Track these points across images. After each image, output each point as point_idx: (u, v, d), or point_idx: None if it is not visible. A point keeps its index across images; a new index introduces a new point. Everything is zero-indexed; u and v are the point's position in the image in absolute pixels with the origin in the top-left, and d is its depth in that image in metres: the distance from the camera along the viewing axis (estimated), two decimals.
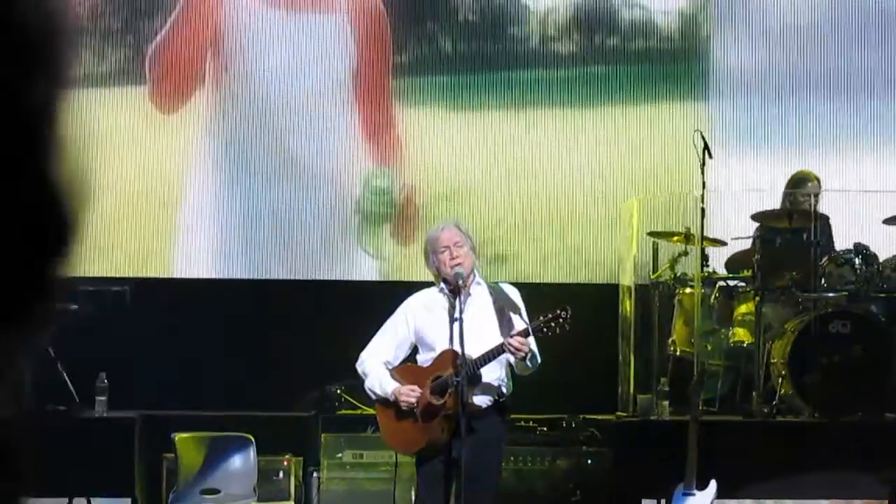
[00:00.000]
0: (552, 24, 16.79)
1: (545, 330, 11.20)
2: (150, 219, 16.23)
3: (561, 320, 11.18)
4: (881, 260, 14.91)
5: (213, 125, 16.32)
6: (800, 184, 15.39)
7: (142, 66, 16.36)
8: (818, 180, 15.44)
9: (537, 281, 15.31)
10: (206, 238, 16.35)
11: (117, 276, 15.57)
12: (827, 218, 15.40)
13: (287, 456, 13.85)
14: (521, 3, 16.77)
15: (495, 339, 11.12)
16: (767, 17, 16.93)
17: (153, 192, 16.19)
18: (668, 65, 16.89)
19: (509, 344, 11.01)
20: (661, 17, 16.86)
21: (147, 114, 16.22)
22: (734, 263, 15.30)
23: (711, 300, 15.05)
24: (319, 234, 16.42)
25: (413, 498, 11.99)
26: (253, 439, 13.60)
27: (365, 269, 16.37)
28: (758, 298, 14.81)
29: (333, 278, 16.36)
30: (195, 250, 16.34)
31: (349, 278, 16.28)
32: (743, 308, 15.03)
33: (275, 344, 15.05)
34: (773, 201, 15.43)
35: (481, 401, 11.23)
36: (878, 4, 17.10)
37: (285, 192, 16.37)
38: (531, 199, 16.56)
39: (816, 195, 15.28)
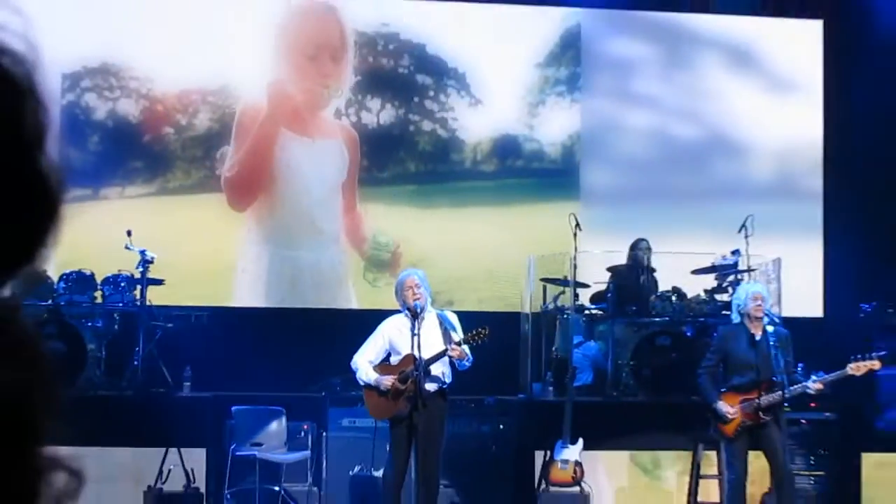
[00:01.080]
0: (479, 152, 17.18)
1: (472, 341, 11.65)
2: (221, 269, 16.43)
3: (483, 335, 11.68)
4: (689, 297, 15.12)
5: (266, 214, 16.58)
6: (636, 245, 15.54)
7: (214, 181, 16.58)
8: (649, 245, 15.60)
9: (469, 310, 14.81)
10: (255, 282, 16.53)
11: (197, 304, 15.47)
12: (654, 270, 15.53)
13: (306, 422, 13.75)
14: (459, 138, 17.12)
15: (440, 347, 11.59)
16: (617, 148, 17.27)
17: (222, 255, 16.53)
18: (554, 178, 17.22)
19: (450, 350, 11.54)
20: (549, 148, 17.23)
21: (218, 210, 16.51)
22: (595, 298, 15.40)
23: (580, 322, 15.30)
24: (331, 277, 16.65)
25: (387, 449, 12.10)
26: (284, 410, 13.69)
27: (360, 300, 16.43)
28: (610, 321, 15.03)
29: (339, 307, 16.38)
30: (249, 289, 16.52)
31: (350, 307, 16.32)
32: (601, 327, 15.28)
33: (299, 349, 14.82)
34: (621, 260, 15.59)
35: (431, 387, 11.63)
36: (687, 140, 17.45)
37: (309, 251, 16.62)
38: (467, 261, 16.85)
39: (649, 251, 15.56)
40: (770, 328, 11.90)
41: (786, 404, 11.91)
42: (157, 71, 16.47)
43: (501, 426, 14.23)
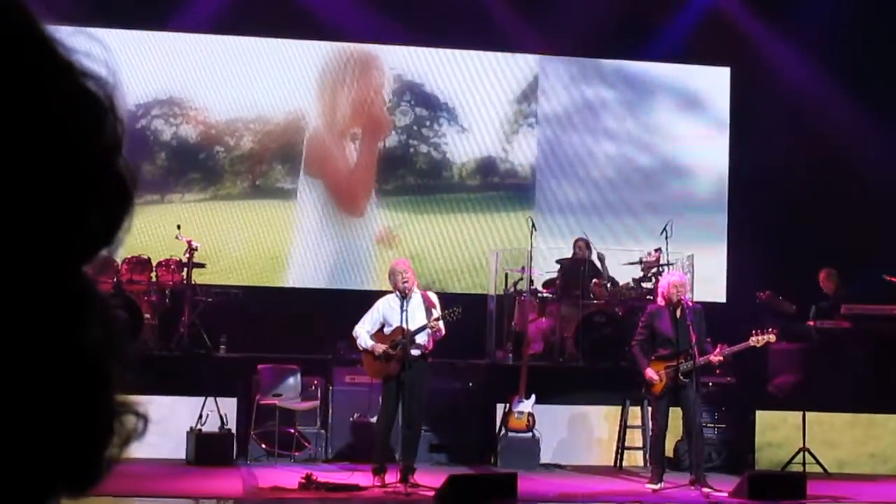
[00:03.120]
0: (465, 171, 17.34)
1: (448, 318, 11.70)
2: (258, 258, 16.64)
3: (457, 312, 11.77)
4: (621, 284, 15.22)
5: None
6: (577, 244, 15.58)
7: (254, 190, 16.90)
8: (587, 242, 15.67)
9: (450, 292, 15.19)
10: (282, 266, 16.75)
11: (235, 284, 15.61)
12: (592, 262, 15.48)
13: (316, 378, 13.70)
14: (448, 159, 17.29)
15: (423, 320, 11.63)
16: (573, 168, 17.30)
17: (261, 246, 16.69)
18: (523, 192, 17.28)
19: (431, 323, 11.58)
20: (519, 168, 17.32)
21: (257, 213, 16.82)
22: (547, 284, 15.48)
23: (534, 302, 15.26)
24: (348, 261, 16.83)
25: (380, 402, 12.11)
26: (299, 369, 13.68)
27: (366, 283, 16.42)
28: (559, 303, 15.10)
29: (346, 288, 16.46)
30: (277, 272, 16.72)
31: (361, 288, 16.27)
32: (551, 307, 15.32)
33: (312, 320, 14.66)
34: (567, 253, 15.64)
35: (415, 353, 11.66)
36: (625, 163, 17.45)
37: (337, 241, 16.83)
38: (451, 255, 16.95)
39: (588, 248, 15.57)
40: (687, 309, 11.94)
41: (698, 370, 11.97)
42: (211, 102, 16.84)
43: (471, 384, 14.18)
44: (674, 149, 17.51)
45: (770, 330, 12.15)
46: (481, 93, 17.24)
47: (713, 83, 17.67)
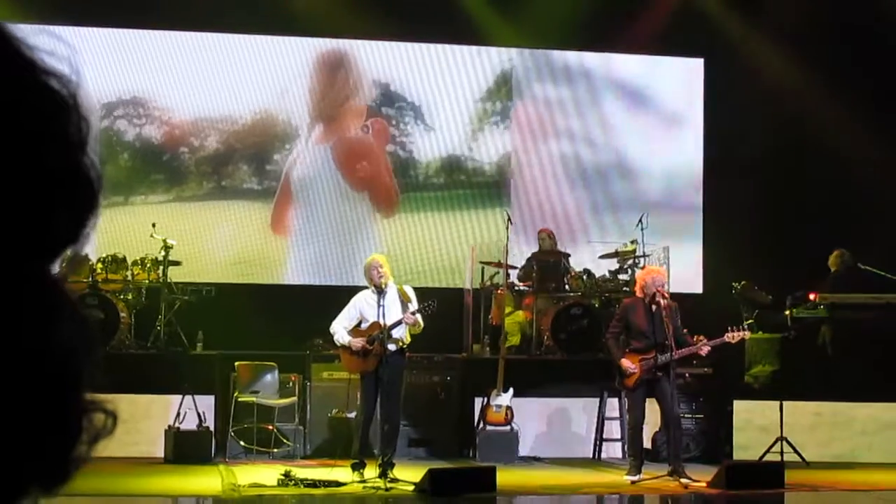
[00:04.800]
0: (432, 169, 17.13)
1: (424, 311, 11.68)
2: (222, 258, 16.39)
3: (433, 306, 11.75)
4: (597, 277, 15.22)
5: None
6: (539, 234, 15.58)
7: (219, 191, 16.65)
8: (550, 233, 15.64)
9: (425, 286, 14.75)
10: (250, 265, 16.53)
11: (209, 281, 15.17)
12: (568, 255, 15.51)
13: (294, 374, 13.72)
14: (416, 159, 17.10)
15: (399, 315, 11.64)
16: (540, 167, 17.19)
17: (224, 247, 16.48)
18: (492, 188, 17.15)
19: (407, 318, 11.59)
20: (486, 166, 17.18)
21: (223, 214, 16.58)
22: (523, 278, 15.34)
23: (511, 296, 15.22)
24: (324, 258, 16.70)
25: (358, 397, 12.22)
26: (276, 366, 13.65)
27: (350, 279, 15.67)
28: (535, 296, 15.06)
29: (320, 284, 16.25)
30: (246, 270, 16.50)
31: (337, 284, 15.89)
32: (527, 300, 15.23)
33: (289, 317, 14.56)
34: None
35: (392, 347, 11.65)
36: (609, 157, 17.42)
37: (328, 242, 16.69)
38: (426, 251, 16.82)
39: (552, 238, 15.50)
40: (663, 302, 11.97)
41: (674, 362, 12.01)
42: (176, 102, 16.58)
43: (448, 378, 14.16)
44: (648, 141, 17.42)
45: (745, 326, 12.20)
46: (447, 92, 17.07)
47: (686, 75, 17.63)
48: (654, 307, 12.02)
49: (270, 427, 13.43)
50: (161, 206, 16.38)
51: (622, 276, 15.14)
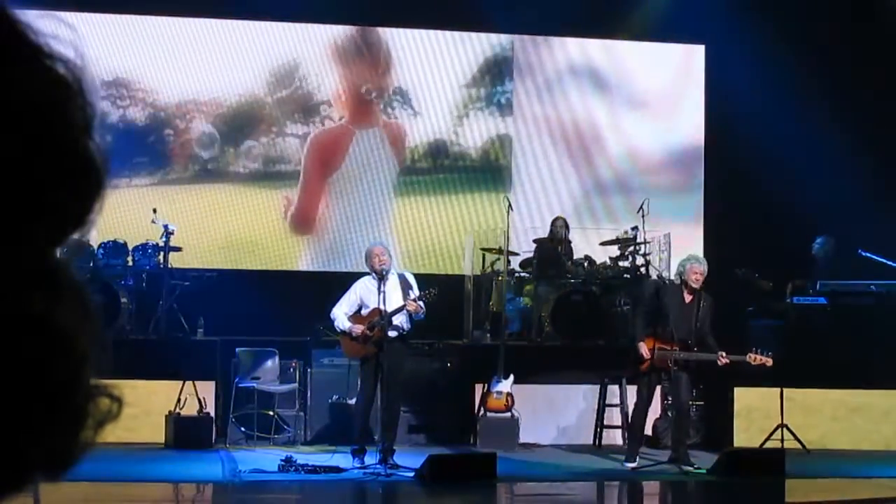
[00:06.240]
0: (418, 154, 16.97)
1: (425, 298, 11.72)
2: (210, 242, 16.29)
3: (433, 293, 11.82)
4: (598, 263, 15.22)
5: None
6: (555, 223, 15.48)
7: (205, 174, 16.46)
8: (566, 221, 15.61)
9: (426, 272, 14.92)
10: (248, 250, 16.41)
11: (214, 267, 15.28)
12: (570, 241, 15.51)
13: (294, 360, 13.70)
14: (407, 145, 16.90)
15: (400, 301, 11.67)
16: (532, 150, 17.03)
17: (214, 231, 16.39)
18: (478, 172, 16.98)
19: (409, 305, 11.61)
20: (472, 151, 16.97)
21: (207, 198, 16.42)
22: (524, 264, 15.34)
23: (511, 283, 15.17)
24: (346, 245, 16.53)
25: (358, 383, 12.27)
26: (277, 351, 13.61)
27: (351, 265, 15.52)
28: (536, 282, 15.05)
29: (323, 270, 16.19)
30: (244, 255, 16.36)
31: (338, 270, 15.89)
32: (528, 287, 15.21)
33: (290, 303, 14.41)
34: (544, 233, 15.56)
35: (393, 334, 11.71)
36: (611, 142, 17.34)
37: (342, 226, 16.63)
38: (423, 234, 16.71)
39: (566, 228, 15.48)
40: (691, 293, 11.93)
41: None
42: (160, 84, 16.43)
43: (449, 364, 14.18)
44: (649, 126, 17.34)
45: (769, 353, 12.04)
46: (433, 78, 16.94)
47: (688, 61, 17.57)
48: (687, 298, 11.97)
49: (271, 413, 13.42)
50: (146, 190, 16.19)
51: (623, 263, 15.11)
